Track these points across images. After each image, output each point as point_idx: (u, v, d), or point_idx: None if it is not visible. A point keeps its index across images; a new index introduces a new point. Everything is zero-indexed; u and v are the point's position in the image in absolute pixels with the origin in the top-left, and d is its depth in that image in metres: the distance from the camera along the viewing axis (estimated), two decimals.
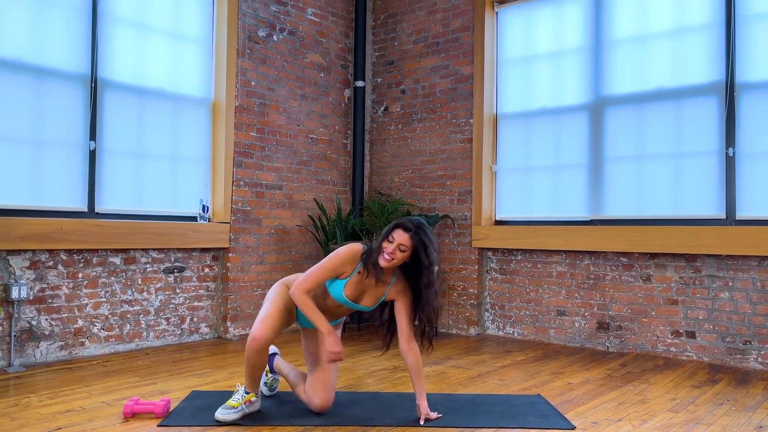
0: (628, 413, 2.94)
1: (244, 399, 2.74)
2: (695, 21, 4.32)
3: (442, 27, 5.44)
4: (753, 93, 4.08)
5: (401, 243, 2.66)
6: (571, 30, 4.88)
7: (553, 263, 4.84)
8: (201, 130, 4.79)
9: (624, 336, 4.47)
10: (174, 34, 4.64)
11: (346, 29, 5.76)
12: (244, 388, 2.78)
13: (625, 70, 4.59)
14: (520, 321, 5.00)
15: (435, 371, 3.78)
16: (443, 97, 5.41)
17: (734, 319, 4.04)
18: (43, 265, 3.85)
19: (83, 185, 4.13)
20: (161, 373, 3.62)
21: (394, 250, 2.66)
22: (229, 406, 2.72)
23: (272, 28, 5.12)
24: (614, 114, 4.64)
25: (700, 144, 4.26)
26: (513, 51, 5.19)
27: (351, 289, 2.79)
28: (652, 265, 4.37)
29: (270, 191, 5.08)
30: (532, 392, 3.31)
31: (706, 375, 3.76)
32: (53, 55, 4.00)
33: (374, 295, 2.82)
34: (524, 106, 5.11)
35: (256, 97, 4.99)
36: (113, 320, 4.17)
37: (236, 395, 2.76)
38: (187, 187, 4.69)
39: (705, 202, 4.23)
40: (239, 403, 2.73)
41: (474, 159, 5.18)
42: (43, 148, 3.96)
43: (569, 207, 4.83)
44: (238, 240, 4.82)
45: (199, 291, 4.67)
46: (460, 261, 5.25)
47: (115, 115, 4.30)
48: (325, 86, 5.55)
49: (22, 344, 3.74)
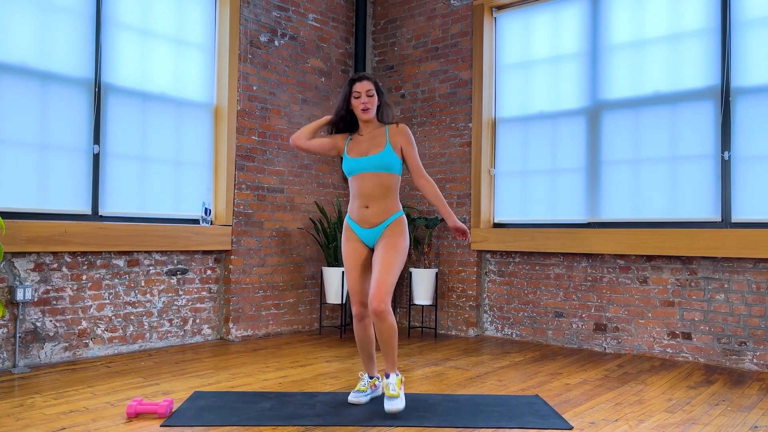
0: (625, 413, 2.98)
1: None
2: (691, 26, 4.37)
3: (442, 32, 5.49)
4: (748, 97, 4.13)
5: (367, 90, 2.99)
6: (568, 35, 4.93)
7: (551, 265, 4.88)
8: (203, 134, 4.84)
9: (621, 337, 4.52)
10: (177, 39, 4.69)
11: (346, 34, 5.81)
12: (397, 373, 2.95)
13: (622, 74, 4.64)
14: (518, 322, 5.05)
15: (434, 372, 3.82)
16: (442, 102, 5.46)
17: (730, 321, 4.09)
18: (48, 267, 3.89)
19: (87, 188, 4.18)
20: (164, 374, 3.66)
21: (365, 99, 2.98)
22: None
23: (274, 34, 5.17)
24: (611, 118, 4.69)
25: (696, 148, 4.31)
26: (511, 56, 5.25)
27: (354, 151, 3.02)
28: (648, 267, 4.42)
29: (271, 194, 5.13)
30: (530, 393, 3.35)
31: (702, 376, 3.80)
32: (58, 60, 4.05)
33: (378, 144, 3.00)
34: (522, 110, 5.16)
35: (258, 101, 5.04)
36: (117, 322, 4.22)
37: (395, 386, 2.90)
38: (189, 190, 4.74)
39: (701, 205, 4.27)
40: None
41: (473, 162, 5.23)
42: (48, 151, 4.00)
43: (567, 210, 4.88)
44: (240, 242, 4.87)
45: (202, 293, 4.72)
46: (459, 263, 5.30)
47: (119, 120, 4.35)
48: (326, 91, 5.60)
49: (26, 345, 3.79)
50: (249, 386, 3.39)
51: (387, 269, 2.87)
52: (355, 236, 3.02)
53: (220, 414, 2.83)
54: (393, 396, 2.84)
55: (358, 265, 3.01)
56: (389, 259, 2.89)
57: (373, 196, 2.96)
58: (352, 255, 3.02)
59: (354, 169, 2.99)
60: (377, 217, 2.96)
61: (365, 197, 2.97)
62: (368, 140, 3.03)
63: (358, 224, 3.00)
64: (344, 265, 3.07)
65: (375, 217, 2.96)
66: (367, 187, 2.97)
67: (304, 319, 5.35)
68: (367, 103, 2.98)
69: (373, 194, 2.96)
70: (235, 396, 3.16)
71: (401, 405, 2.83)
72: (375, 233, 2.98)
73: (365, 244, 3.02)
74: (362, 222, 2.99)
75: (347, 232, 3.05)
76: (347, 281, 3.06)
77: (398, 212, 3.01)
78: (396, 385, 2.87)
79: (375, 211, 2.96)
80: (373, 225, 2.97)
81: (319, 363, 4.03)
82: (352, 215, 3.04)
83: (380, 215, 2.96)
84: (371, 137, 3.03)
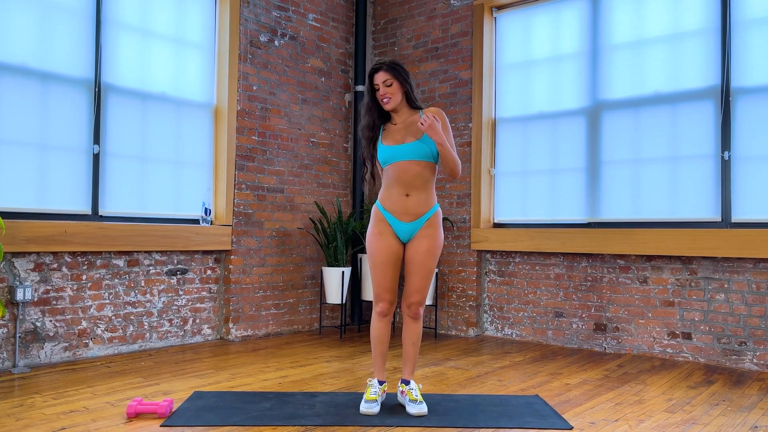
0: (625, 413, 2.98)
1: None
2: (691, 26, 4.37)
3: (442, 32, 5.49)
4: (748, 97, 4.13)
5: (384, 80, 2.89)
6: (568, 35, 4.93)
7: (551, 265, 4.88)
8: (203, 134, 4.85)
9: (621, 337, 4.52)
10: (177, 39, 4.69)
11: (346, 34, 5.81)
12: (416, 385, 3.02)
13: (622, 75, 4.65)
14: (518, 322, 5.05)
15: (434, 372, 3.82)
16: (443, 102, 5.46)
17: (730, 321, 4.09)
18: (48, 267, 3.89)
19: (87, 188, 4.18)
20: (164, 374, 3.66)
21: (384, 91, 2.89)
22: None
23: (274, 34, 5.17)
24: (611, 118, 4.69)
25: (696, 148, 4.31)
26: (511, 56, 5.25)
27: (389, 139, 2.93)
28: (648, 267, 4.42)
29: (271, 194, 5.13)
30: (530, 393, 3.35)
31: (702, 376, 3.80)
32: (58, 60, 4.05)
33: (415, 132, 2.90)
34: (522, 110, 5.16)
35: (258, 101, 5.04)
36: (117, 322, 4.22)
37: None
38: (189, 190, 4.74)
39: (701, 205, 4.27)
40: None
41: (473, 162, 5.23)
42: (48, 151, 4.01)
43: (567, 210, 4.88)
44: (239, 242, 4.87)
45: (202, 293, 4.72)
46: (459, 263, 5.30)
47: (119, 120, 4.35)
48: (326, 91, 5.60)
49: (26, 345, 3.79)
50: (249, 386, 3.39)
51: (428, 274, 2.91)
52: (389, 230, 2.89)
53: (220, 414, 2.83)
54: (418, 400, 2.90)
55: (390, 263, 2.90)
56: (430, 265, 2.90)
57: (413, 185, 2.87)
58: (385, 251, 2.89)
59: (390, 158, 2.88)
60: (419, 206, 2.87)
61: (406, 185, 2.86)
62: (404, 128, 2.93)
63: (396, 216, 2.88)
64: (373, 259, 2.91)
65: (417, 207, 2.87)
66: (407, 175, 2.86)
67: (304, 319, 5.35)
68: (386, 94, 2.89)
69: (413, 183, 2.87)
70: (235, 396, 3.16)
71: (426, 408, 2.89)
72: (414, 228, 2.88)
73: (399, 239, 2.91)
74: (401, 213, 2.87)
75: (380, 225, 2.91)
76: (375, 276, 2.92)
77: (436, 205, 2.94)
78: (417, 389, 2.97)
79: (416, 200, 2.87)
80: (413, 217, 2.87)
81: (319, 363, 4.03)
82: (387, 205, 2.90)
83: (421, 205, 2.88)
84: (406, 125, 2.93)
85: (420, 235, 2.89)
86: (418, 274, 2.89)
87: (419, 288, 2.91)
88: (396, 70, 2.90)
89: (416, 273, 2.90)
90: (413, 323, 2.98)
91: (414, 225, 2.88)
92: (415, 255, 2.89)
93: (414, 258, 2.90)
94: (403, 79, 2.91)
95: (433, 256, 2.90)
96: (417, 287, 2.91)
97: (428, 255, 2.88)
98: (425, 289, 2.94)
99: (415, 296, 2.92)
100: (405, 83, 2.92)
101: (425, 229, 2.88)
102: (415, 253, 2.89)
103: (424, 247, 2.88)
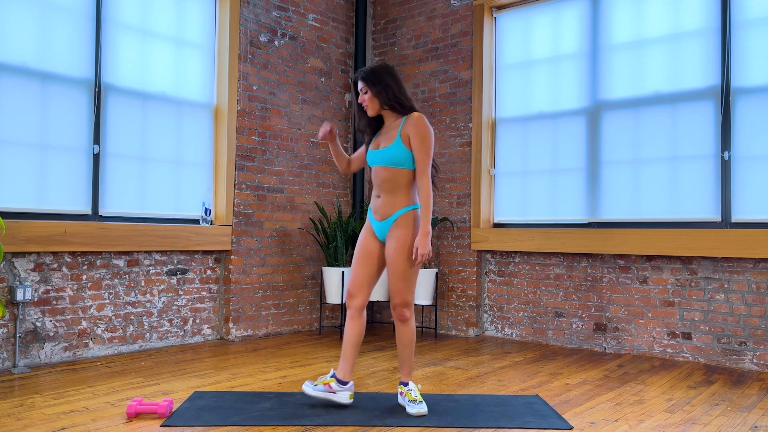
0: (625, 413, 2.98)
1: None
2: (691, 26, 4.37)
3: (442, 32, 5.49)
4: (748, 97, 4.13)
5: (361, 88, 3.00)
6: (568, 35, 4.94)
7: (551, 265, 4.89)
8: (203, 134, 4.85)
9: (621, 337, 4.52)
10: (177, 39, 4.69)
11: (346, 34, 5.81)
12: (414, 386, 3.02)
13: (622, 75, 4.65)
14: (518, 322, 5.05)
15: (434, 372, 3.82)
16: (442, 102, 5.46)
17: (730, 321, 4.09)
18: (48, 267, 3.89)
19: (87, 188, 4.18)
20: (164, 374, 3.67)
21: (361, 98, 3.01)
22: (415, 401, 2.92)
23: (274, 34, 5.18)
24: (611, 118, 4.69)
25: (696, 148, 4.31)
26: (511, 56, 5.25)
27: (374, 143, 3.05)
28: (648, 267, 4.42)
29: (271, 194, 5.13)
30: (530, 393, 3.36)
31: (702, 376, 3.80)
32: (58, 60, 4.05)
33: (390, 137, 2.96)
34: (522, 110, 5.16)
35: (258, 101, 5.04)
36: (117, 322, 4.22)
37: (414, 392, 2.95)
38: (189, 190, 4.74)
39: (701, 205, 4.28)
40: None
41: (473, 162, 5.23)
42: (48, 151, 4.01)
43: (567, 210, 4.88)
44: (240, 242, 4.87)
45: (202, 293, 4.72)
46: (459, 263, 5.30)
47: (119, 120, 4.35)
48: (326, 91, 5.60)
49: (26, 345, 3.79)
50: (249, 386, 3.40)
51: (401, 275, 2.91)
52: (369, 227, 3.04)
53: (220, 414, 2.84)
54: (417, 400, 2.91)
55: (364, 257, 3.01)
56: (400, 265, 2.90)
57: (382, 188, 2.97)
58: (362, 246, 3.03)
59: (369, 161, 3.03)
60: (385, 208, 2.95)
61: (377, 188, 3.00)
62: (385, 132, 3.01)
63: (372, 214, 3.02)
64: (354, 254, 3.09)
65: (384, 208, 2.96)
66: (377, 179, 2.99)
67: (304, 319, 5.35)
68: (363, 102, 3.00)
69: (382, 186, 2.97)
70: (235, 396, 3.16)
71: (425, 408, 2.89)
72: (384, 227, 2.96)
73: (377, 237, 3.02)
74: (374, 212, 3.01)
75: (366, 222, 3.09)
76: (350, 270, 3.06)
77: (406, 207, 2.93)
78: (416, 390, 2.97)
79: (384, 202, 2.96)
80: (382, 217, 2.97)
81: (319, 363, 4.03)
82: (370, 204, 3.06)
83: (388, 207, 2.95)
84: (387, 130, 3.01)
85: (389, 236, 2.96)
86: (392, 274, 2.94)
87: (397, 289, 2.94)
88: (369, 79, 2.96)
89: (390, 273, 2.95)
90: (402, 326, 2.99)
91: (384, 224, 2.97)
92: (387, 255, 2.96)
93: (387, 258, 2.96)
94: (377, 89, 2.94)
95: (401, 256, 2.90)
96: (393, 287, 2.95)
97: (396, 254, 2.91)
98: (404, 291, 2.93)
99: (395, 297, 2.95)
100: (381, 92, 2.94)
101: (393, 229, 2.94)
102: (387, 253, 2.96)
103: (392, 247, 2.93)
